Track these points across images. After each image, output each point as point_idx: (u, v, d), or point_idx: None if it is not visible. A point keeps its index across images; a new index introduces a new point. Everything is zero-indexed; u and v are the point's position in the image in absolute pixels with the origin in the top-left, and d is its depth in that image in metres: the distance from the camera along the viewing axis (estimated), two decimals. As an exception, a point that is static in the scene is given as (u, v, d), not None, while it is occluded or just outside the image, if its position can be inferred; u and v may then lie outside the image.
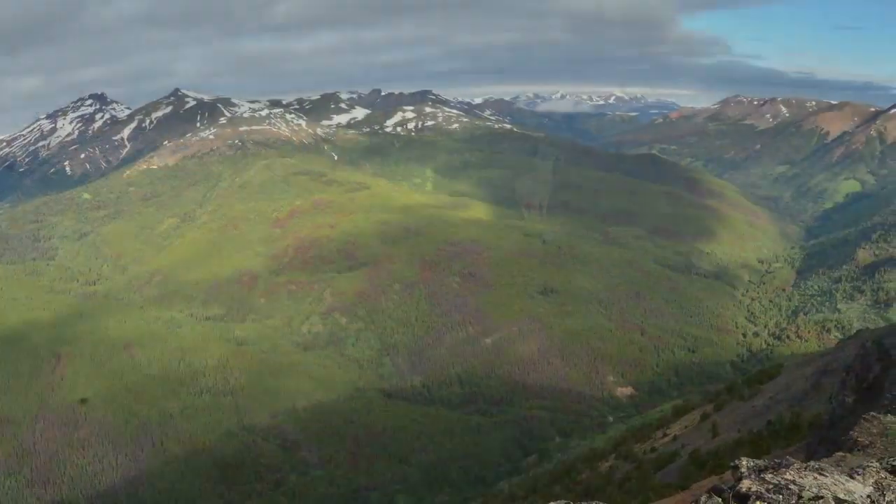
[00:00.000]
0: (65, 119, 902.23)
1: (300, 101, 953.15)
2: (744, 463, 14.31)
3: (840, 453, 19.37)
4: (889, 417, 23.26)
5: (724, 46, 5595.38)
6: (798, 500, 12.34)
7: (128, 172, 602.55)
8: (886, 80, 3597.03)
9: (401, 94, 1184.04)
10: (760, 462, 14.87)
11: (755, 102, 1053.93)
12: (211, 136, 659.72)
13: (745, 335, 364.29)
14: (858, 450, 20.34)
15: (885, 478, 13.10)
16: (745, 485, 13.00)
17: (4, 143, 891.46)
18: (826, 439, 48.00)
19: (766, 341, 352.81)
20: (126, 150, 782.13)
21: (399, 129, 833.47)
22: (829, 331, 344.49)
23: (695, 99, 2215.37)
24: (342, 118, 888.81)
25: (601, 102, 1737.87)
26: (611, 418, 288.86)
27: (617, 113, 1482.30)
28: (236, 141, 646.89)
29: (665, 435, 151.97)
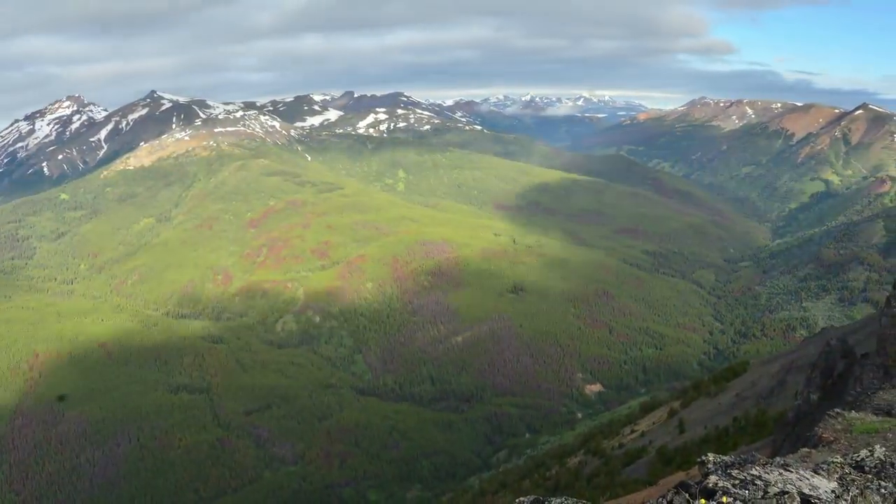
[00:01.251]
0: (43, 120, 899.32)
1: (274, 103, 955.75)
2: (710, 459, 14.36)
3: (805, 449, 19.46)
4: (853, 414, 23.39)
5: (740, 54, 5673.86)
6: (764, 495, 12.37)
7: (105, 173, 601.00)
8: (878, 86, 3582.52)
9: (373, 95, 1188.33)
10: (727, 458, 14.92)
11: (721, 104, 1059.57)
12: (186, 138, 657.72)
13: (711, 333, 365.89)
14: (823, 446, 20.45)
15: (850, 473, 13.17)
16: (712, 480, 13.02)
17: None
18: (791, 435, 48.16)
19: (732, 339, 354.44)
20: (103, 151, 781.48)
21: (371, 130, 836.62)
22: (794, 329, 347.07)
23: (662, 101, 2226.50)
24: (315, 120, 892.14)
25: (570, 104, 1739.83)
26: (580, 415, 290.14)
27: (585, 115, 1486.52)
28: (211, 142, 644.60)
29: (633, 431, 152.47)
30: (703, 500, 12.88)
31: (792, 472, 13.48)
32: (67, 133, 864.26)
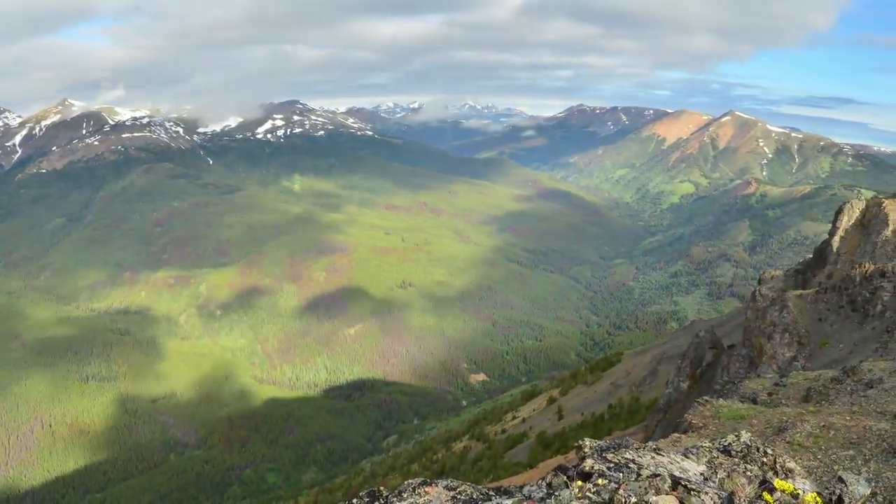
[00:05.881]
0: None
1: (178, 110, 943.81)
2: (587, 443, 14.02)
3: (676, 434, 19.37)
4: (720, 401, 23.40)
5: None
6: (637, 477, 12.05)
7: (19, 176, 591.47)
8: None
9: (270, 103, 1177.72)
10: (602, 443, 14.63)
11: (597, 111, 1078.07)
12: (96, 143, 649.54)
13: (588, 325, 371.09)
14: (693, 431, 20.42)
15: (717, 457, 12.96)
16: (588, 464, 12.68)
17: None
18: (663, 422, 48.55)
19: (607, 331, 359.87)
20: (18, 154, 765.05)
21: (269, 135, 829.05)
22: (666, 321, 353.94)
23: (541, 107, 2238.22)
24: (217, 126, 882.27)
25: (455, 110, 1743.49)
26: (465, 402, 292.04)
27: (470, 120, 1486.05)
28: (119, 146, 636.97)
29: (515, 418, 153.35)
30: (580, 483, 12.52)
31: (663, 455, 13.25)
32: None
